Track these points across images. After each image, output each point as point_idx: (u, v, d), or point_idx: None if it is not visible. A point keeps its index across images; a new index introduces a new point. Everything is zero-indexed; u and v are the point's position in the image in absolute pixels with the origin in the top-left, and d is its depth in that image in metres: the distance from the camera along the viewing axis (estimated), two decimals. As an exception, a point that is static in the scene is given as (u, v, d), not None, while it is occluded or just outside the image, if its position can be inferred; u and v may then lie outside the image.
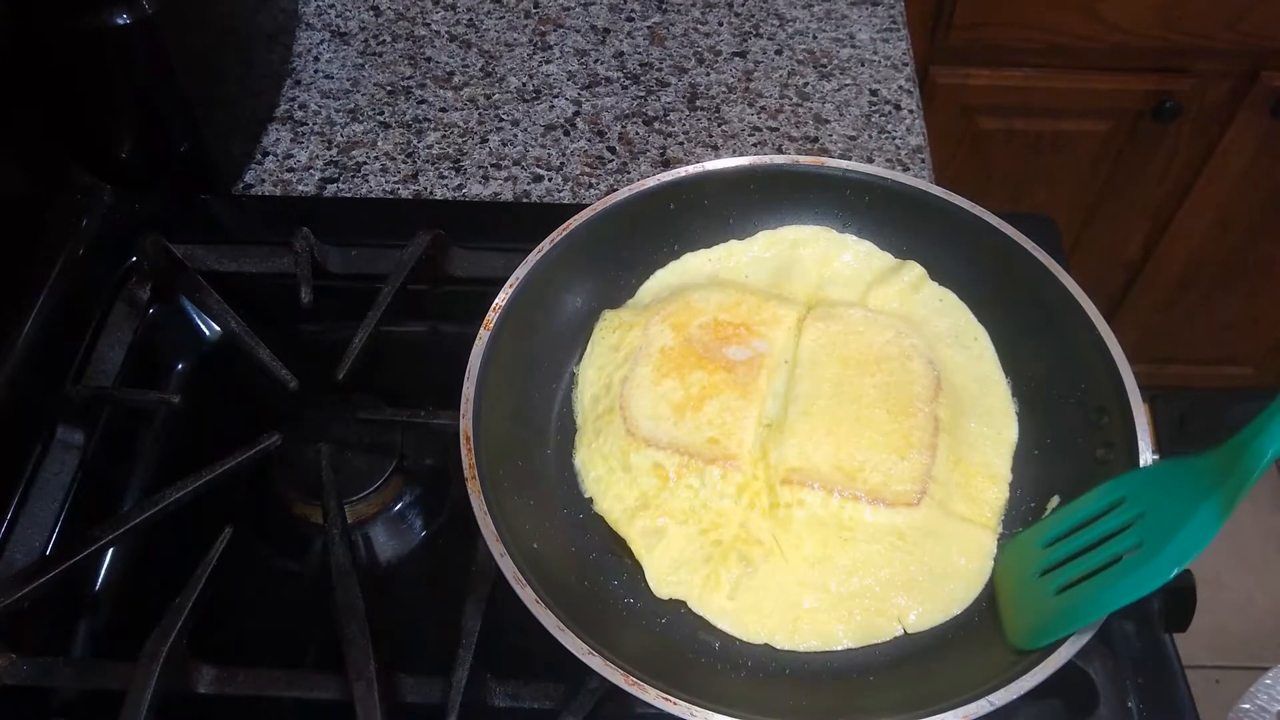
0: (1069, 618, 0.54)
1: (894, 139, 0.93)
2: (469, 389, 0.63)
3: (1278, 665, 0.64)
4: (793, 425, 0.66)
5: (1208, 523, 0.52)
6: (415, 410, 0.70)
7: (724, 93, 0.97)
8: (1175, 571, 0.52)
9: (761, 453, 0.66)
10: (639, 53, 1.00)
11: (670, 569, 0.63)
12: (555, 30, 1.02)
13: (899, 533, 0.63)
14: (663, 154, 0.92)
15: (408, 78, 0.98)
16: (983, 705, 0.52)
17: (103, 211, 0.82)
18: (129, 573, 0.69)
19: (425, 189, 0.90)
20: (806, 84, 0.97)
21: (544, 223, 0.71)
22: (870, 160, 0.91)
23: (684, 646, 0.61)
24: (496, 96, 0.97)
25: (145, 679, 0.58)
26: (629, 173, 0.91)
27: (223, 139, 0.88)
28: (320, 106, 0.96)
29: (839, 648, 0.61)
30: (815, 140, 0.93)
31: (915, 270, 0.74)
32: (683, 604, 0.62)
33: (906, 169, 0.91)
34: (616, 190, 0.73)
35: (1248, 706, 0.63)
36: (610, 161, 0.92)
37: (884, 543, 0.63)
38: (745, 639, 0.61)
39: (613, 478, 0.66)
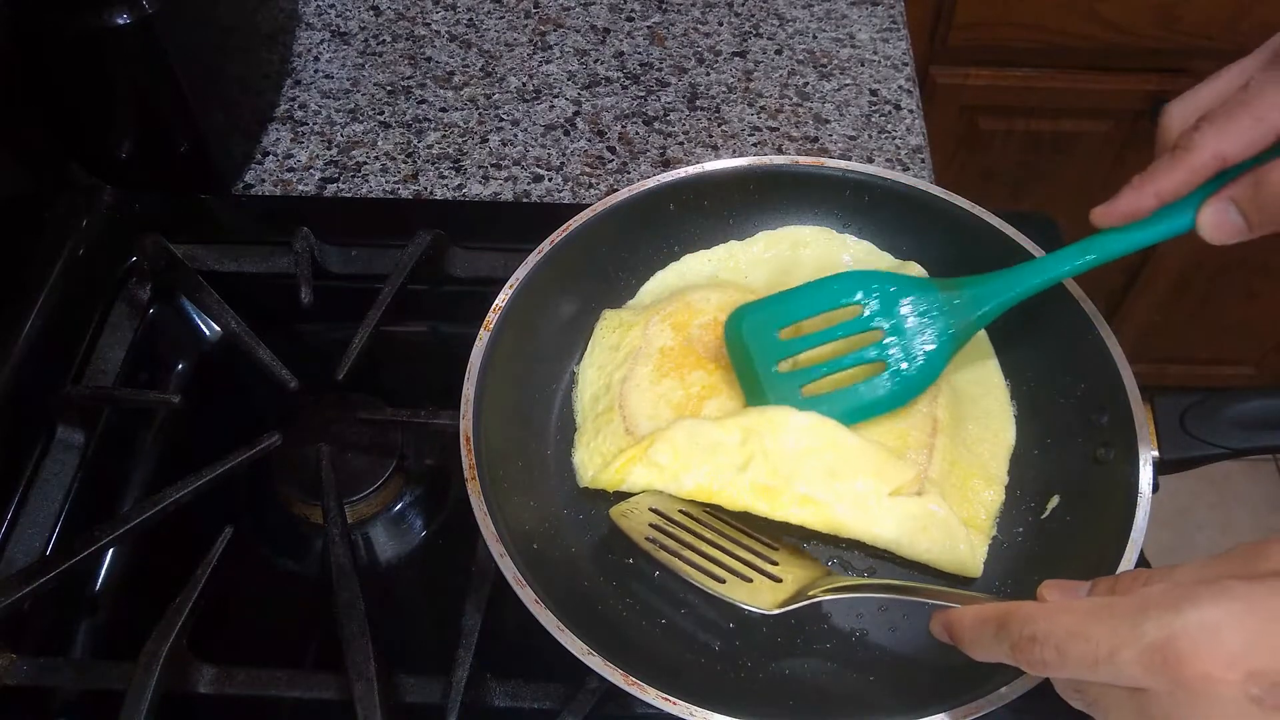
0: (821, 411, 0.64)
1: (894, 139, 0.93)
2: (469, 389, 0.63)
3: None
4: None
5: (942, 362, 0.63)
6: (415, 410, 0.70)
7: (724, 93, 0.97)
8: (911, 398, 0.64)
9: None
10: (639, 53, 1.00)
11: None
12: (555, 30, 1.02)
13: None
14: (663, 154, 0.92)
15: (408, 78, 0.98)
16: (982, 704, 0.52)
17: (103, 211, 0.83)
18: (129, 573, 0.69)
19: (425, 189, 0.90)
20: (806, 84, 0.97)
21: (544, 223, 0.71)
22: (870, 160, 0.91)
23: (683, 646, 0.61)
24: (496, 96, 0.97)
25: (145, 679, 0.58)
26: (629, 173, 0.91)
27: (223, 139, 0.88)
28: (320, 106, 0.96)
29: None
30: (815, 140, 0.93)
31: (915, 270, 0.73)
32: (682, 605, 0.62)
33: (906, 169, 0.91)
34: (616, 190, 0.73)
35: None
36: (610, 161, 0.92)
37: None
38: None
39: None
